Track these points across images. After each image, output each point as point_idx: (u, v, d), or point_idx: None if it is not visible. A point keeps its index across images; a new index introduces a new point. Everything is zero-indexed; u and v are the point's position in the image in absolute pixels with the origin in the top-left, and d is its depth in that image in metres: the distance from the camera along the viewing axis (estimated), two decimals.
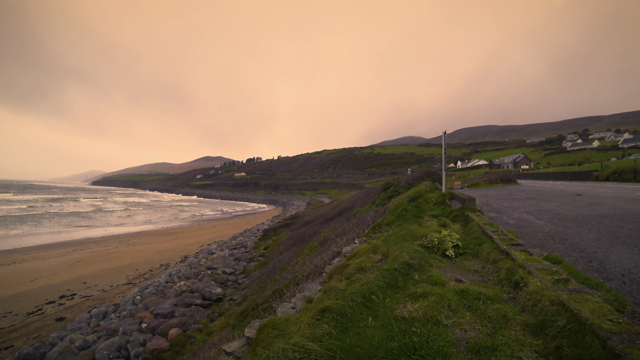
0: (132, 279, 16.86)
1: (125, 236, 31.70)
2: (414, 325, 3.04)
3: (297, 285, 7.60)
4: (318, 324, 3.18)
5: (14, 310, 12.70)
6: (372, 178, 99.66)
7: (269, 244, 21.27)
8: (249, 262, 17.64)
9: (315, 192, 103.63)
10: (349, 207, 25.65)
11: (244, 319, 8.27)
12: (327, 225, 19.95)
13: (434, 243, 6.02)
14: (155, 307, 11.13)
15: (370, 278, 4.23)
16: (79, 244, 26.97)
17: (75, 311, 12.49)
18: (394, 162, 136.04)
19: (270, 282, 11.67)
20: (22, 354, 8.37)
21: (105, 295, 14.43)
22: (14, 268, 18.73)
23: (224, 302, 12.09)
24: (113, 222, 43.75)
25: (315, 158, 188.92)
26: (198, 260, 18.19)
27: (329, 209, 31.86)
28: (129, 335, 9.08)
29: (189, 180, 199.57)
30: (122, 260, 20.76)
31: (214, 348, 6.72)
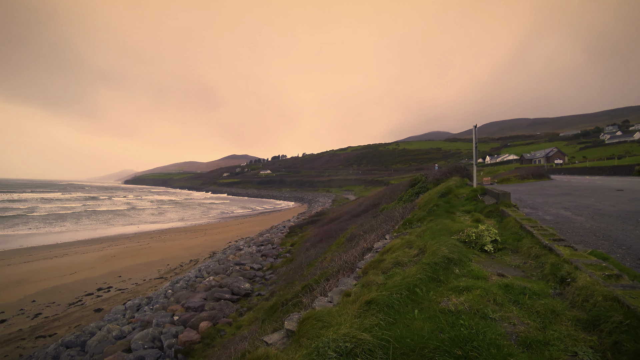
0: (164, 273, 17.60)
1: (156, 232, 33.13)
2: (461, 318, 3.07)
3: (327, 280, 7.62)
4: (365, 315, 3.25)
5: (57, 300, 13.63)
6: (398, 174, 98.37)
7: (295, 241, 21.50)
8: (276, 258, 17.89)
9: (340, 189, 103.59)
10: (375, 203, 25.47)
11: (273, 313, 8.40)
12: (354, 222, 19.89)
13: (471, 238, 5.98)
14: (186, 301, 11.53)
15: (410, 272, 4.26)
16: (113, 240, 28.50)
17: (111, 303, 13.22)
18: (420, 158, 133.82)
19: (299, 277, 11.79)
20: (65, 342, 8.97)
21: (139, 288, 15.16)
22: (56, 262, 20.09)
23: (252, 297, 12.34)
24: (145, 219, 45.89)
25: (339, 155, 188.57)
26: (226, 256, 18.67)
27: (354, 206, 31.78)
28: (161, 327, 9.46)
29: (216, 178, 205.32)
30: (153, 255, 21.73)
31: (244, 341, 6.87)
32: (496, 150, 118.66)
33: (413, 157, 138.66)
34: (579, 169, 40.98)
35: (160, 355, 7.82)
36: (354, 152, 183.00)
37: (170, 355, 7.88)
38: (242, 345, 6.53)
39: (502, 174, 30.92)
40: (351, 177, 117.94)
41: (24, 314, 12.26)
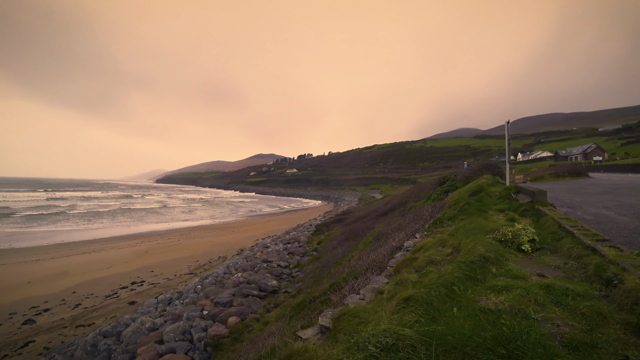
0: (193, 269, 18.18)
1: (186, 230, 34.31)
2: (501, 317, 3.01)
3: (356, 279, 7.58)
4: (403, 312, 3.27)
5: (95, 292, 14.42)
6: (425, 173, 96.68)
7: (322, 239, 21.54)
8: (303, 256, 18.00)
9: (367, 187, 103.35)
10: (402, 202, 25.14)
11: (301, 310, 8.44)
12: (381, 221, 19.68)
13: (507, 237, 5.81)
14: (215, 296, 11.83)
15: (446, 270, 4.24)
16: (146, 237, 29.81)
17: (144, 296, 13.81)
18: (448, 156, 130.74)
19: (326, 275, 11.79)
20: (102, 331, 9.46)
21: (170, 283, 15.74)
22: (94, 256, 21.26)
23: (279, 294, 12.46)
24: (175, 217, 47.61)
25: (365, 153, 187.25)
26: (254, 254, 19.00)
27: (381, 205, 31.48)
28: (191, 320, 9.75)
29: (243, 177, 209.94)
30: (183, 251, 22.51)
31: (272, 337, 6.94)
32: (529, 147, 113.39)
33: (441, 155, 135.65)
34: (620, 166, 38.25)
35: (191, 348, 8.05)
36: (380, 151, 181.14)
37: (200, 348, 8.10)
38: (270, 340, 6.60)
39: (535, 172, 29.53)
40: (377, 175, 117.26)
41: (65, 304, 13.08)
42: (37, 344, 9.73)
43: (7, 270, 17.65)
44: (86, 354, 8.23)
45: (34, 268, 18.21)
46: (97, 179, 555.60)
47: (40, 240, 27.34)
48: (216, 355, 7.90)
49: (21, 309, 12.55)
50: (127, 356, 7.79)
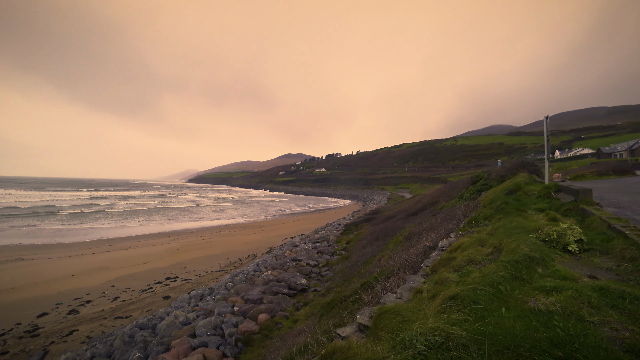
0: (224, 266, 18.65)
1: (217, 228, 35.31)
2: (553, 319, 2.90)
3: (388, 278, 7.47)
4: (450, 311, 3.25)
5: (132, 286, 15.14)
6: (456, 171, 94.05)
7: (351, 238, 21.45)
8: (332, 255, 17.98)
9: (396, 186, 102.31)
10: (433, 201, 24.59)
11: (332, 309, 8.40)
12: (411, 220, 19.32)
13: (552, 237, 5.59)
14: (246, 293, 12.04)
15: (490, 270, 4.18)
16: (179, 234, 30.96)
17: (177, 291, 14.32)
18: (480, 154, 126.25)
19: (356, 275, 11.70)
20: (139, 323, 9.90)
21: (202, 279, 16.23)
22: (131, 252, 22.36)
23: (308, 293, 12.50)
24: (207, 216, 49.13)
25: (394, 152, 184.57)
26: (283, 252, 19.21)
27: (411, 204, 30.95)
28: (223, 316, 9.98)
29: (272, 176, 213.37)
30: (214, 249, 23.15)
31: (302, 335, 6.95)
32: (567, 144, 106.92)
33: (472, 153, 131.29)
34: None
35: (222, 343, 8.23)
36: (409, 149, 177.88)
37: (231, 343, 8.26)
38: (301, 338, 6.61)
39: (575, 170, 27.73)
40: (406, 174, 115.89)
41: (105, 297, 13.83)
42: (80, 333, 10.36)
43: (53, 264, 18.96)
44: (124, 344, 8.65)
45: (77, 262, 19.43)
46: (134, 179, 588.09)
47: (83, 237, 29.15)
48: (247, 351, 8.02)
49: (66, 300, 13.42)
50: (162, 348, 8.09)
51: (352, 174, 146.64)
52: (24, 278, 16.18)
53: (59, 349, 9.39)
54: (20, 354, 9.24)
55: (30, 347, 9.59)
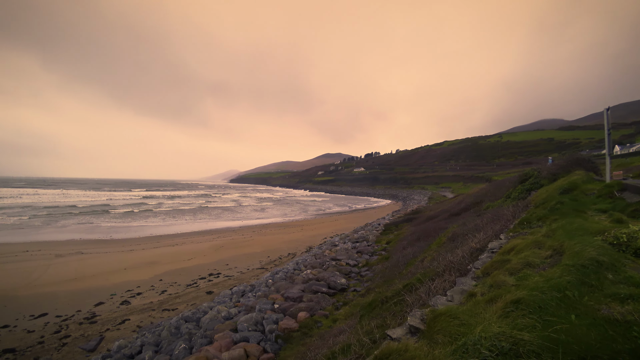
0: (264, 264, 19.10)
1: (258, 227, 36.30)
2: (632, 329, 2.70)
3: (433, 280, 7.24)
4: (514, 316, 3.15)
5: (178, 281, 15.96)
6: (502, 169, 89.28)
7: (391, 239, 21.10)
8: (371, 255, 17.77)
9: (437, 186, 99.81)
10: (477, 201, 23.51)
11: (372, 310, 8.28)
12: (454, 221, 18.67)
13: (621, 240, 5.09)
14: (285, 291, 12.21)
15: (553, 274, 4.00)
16: (221, 232, 32.21)
17: (220, 287, 14.87)
18: (527, 151, 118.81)
19: (398, 276, 11.46)
20: (184, 316, 10.41)
21: (243, 276, 16.73)
22: (177, 249, 23.62)
23: (348, 293, 12.42)
24: (248, 215, 50.72)
25: (435, 150, 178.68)
26: (322, 251, 19.27)
27: (453, 204, 29.83)
28: (263, 312, 10.19)
29: (311, 176, 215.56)
30: (255, 247, 23.79)
31: (342, 334, 6.90)
32: (629, 138, 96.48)
33: (519, 150, 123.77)
34: None
35: (263, 339, 8.40)
36: (451, 147, 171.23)
37: (271, 339, 8.40)
38: (341, 338, 6.56)
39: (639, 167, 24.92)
40: (448, 173, 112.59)
41: (153, 290, 14.71)
42: (131, 322, 11.11)
43: (108, 258, 20.53)
44: (171, 335, 9.12)
45: (128, 257, 20.88)
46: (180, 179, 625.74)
47: (134, 234, 31.28)
48: (286, 348, 8.12)
49: (119, 291, 14.46)
50: (205, 340, 8.42)
51: (392, 173, 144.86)
52: (83, 270, 17.70)
53: (113, 336, 10.12)
54: (80, 338, 10.09)
55: (88, 333, 10.45)
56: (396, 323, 5.28)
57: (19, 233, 30.78)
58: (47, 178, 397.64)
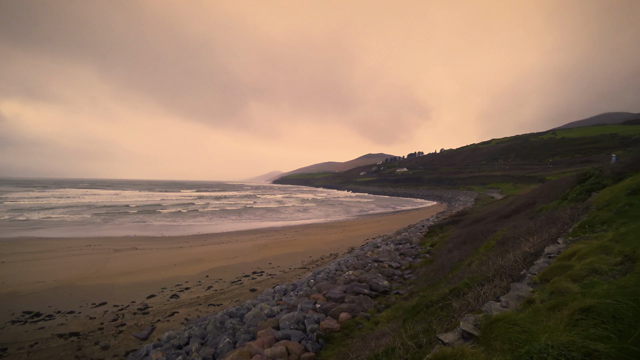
0: (306, 264, 19.31)
1: (300, 227, 36.84)
2: None
3: (482, 285, 6.91)
4: (584, 324, 3.01)
5: (223, 278, 16.64)
6: (556, 169, 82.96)
7: (435, 241, 20.43)
8: (415, 258, 17.29)
9: (484, 186, 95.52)
10: (529, 203, 22.05)
11: (417, 314, 8.06)
12: (503, 224, 17.68)
13: None
14: (327, 291, 12.24)
15: (627, 282, 3.80)
16: (265, 232, 33.11)
17: (263, 285, 15.27)
18: (586, 148, 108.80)
19: (443, 280, 11.08)
20: (229, 312, 10.81)
21: (285, 275, 17.04)
22: (222, 247, 24.63)
23: (390, 295, 12.18)
24: (291, 215, 51.72)
25: (482, 149, 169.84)
26: (364, 253, 19.08)
27: (502, 206, 28.20)
28: (305, 312, 10.29)
29: (353, 177, 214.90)
30: (297, 247, 24.16)
31: (385, 337, 6.79)
32: None
33: (576, 148, 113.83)
34: None
35: (304, 337, 8.47)
36: (499, 145, 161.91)
37: (312, 338, 8.44)
38: (383, 341, 6.45)
39: None
40: (496, 173, 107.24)
41: (200, 285, 15.46)
42: (180, 315, 11.76)
43: (159, 254, 21.92)
44: (216, 329, 9.51)
45: (177, 253, 22.14)
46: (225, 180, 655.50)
47: (182, 232, 33.15)
48: (327, 348, 8.12)
49: (169, 285, 15.37)
50: (249, 336, 8.67)
51: (436, 174, 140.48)
52: (137, 264, 19.07)
53: (163, 327, 10.79)
54: (134, 327, 10.87)
55: (141, 322, 11.23)
56: (442, 328, 5.12)
57: (82, 229, 34.00)
58: (106, 179, 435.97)
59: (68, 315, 12.05)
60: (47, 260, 19.98)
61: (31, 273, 17.05)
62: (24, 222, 37.88)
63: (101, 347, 9.53)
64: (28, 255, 21.07)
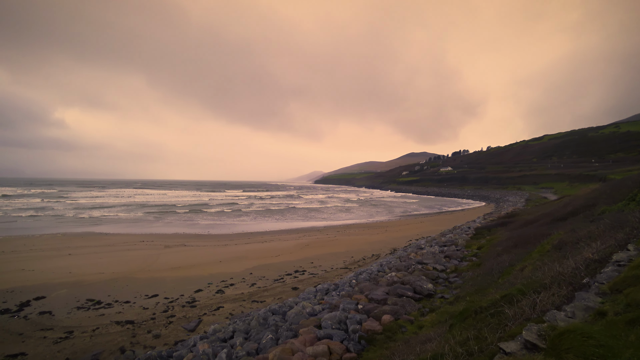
0: (348, 264, 19.23)
1: (342, 227, 36.86)
2: None
3: (538, 293, 6.47)
4: None
5: (266, 275, 17.05)
6: (619, 167, 75.76)
7: (482, 244, 19.46)
8: (460, 260, 16.57)
9: (536, 186, 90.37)
10: (588, 204, 20.20)
11: (464, 320, 7.71)
12: (559, 227, 16.40)
13: None
14: (369, 292, 12.08)
15: None
16: (307, 231, 33.51)
17: (305, 284, 15.43)
18: None
19: (492, 285, 10.52)
20: (271, 309, 11.03)
21: (327, 275, 17.08)
22: (265, 245, 25.27)
23: (435, 299, 11.77)
24: (333, 215, 51.98)
25: (533, 146, 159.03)
26: (407, 254, 18.62)
27: (557, 207, 26.16)
28: (347, 312, 10.23)
29: (395, 177, 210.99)
30: (339, 247, 24.16)
31: (430, 342, 6.58)
32: None
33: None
34: None
35: (346, 338, 8.42)
36: (552, 141, 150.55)
37: (354, 339, 8.36)
38: (429, 346, 6.24)
39: None
40: (550, 171, 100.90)
41: (244, 282, 15.96)
42: (225, 310, 12.24)
43: (205, 251, 22.97)
44: (259, 325, 9.75)
45: (223, 251, 23.06)
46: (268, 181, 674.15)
47: (227, 230, 34.49)
48: (369, 349, 8.00)
49: (215, 281, 16.05)
50: (291, 333, 8.79)
51: (482, 173, 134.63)
52: (185, 260, 20.12)
53: (209, 320, 11.29)
54: (183, 319, 11.49)
55: (189, 315, 11.84)
56: (495, 337, 4.86)
57: (136, 226, 36.63)
58: (156, 180, 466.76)
59: (124, 305, 13.04)
60: (106, 253, 21.77)
61: (93, 265, 18.68)
62: (87, 219, 41.66)
63: (153, 336, 10.16)
64: (91, 249, 23.11)
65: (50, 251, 22.27)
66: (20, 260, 19.44)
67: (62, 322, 11.37)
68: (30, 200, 67.78)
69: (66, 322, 11.42)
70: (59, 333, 10.54)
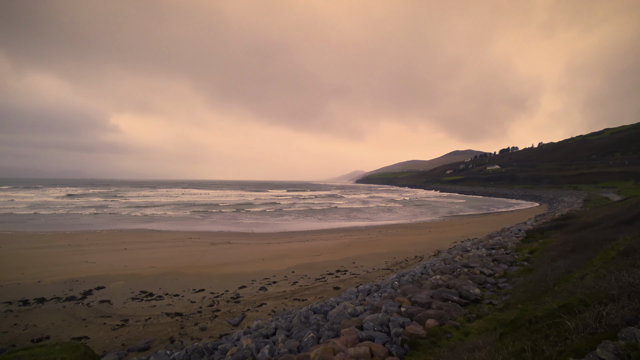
0: (390, 265, 18.87)
1: (384, 227, 36.29)
2: None
3: (604, 305, 5.92)
4: None
5: (308, 274, 17.20)
6: None
7: (535, 248, 18.16)
8: (510, 265, 15.59)
9: (595, 185, 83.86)
10: None
11: (517, 329, 7.24)
12: (624, 231, 14.81)
13: None
14: (413, 295, 11.75)
15: None
16: (349, 231, 33.39)
17: (346, 284, 15.36)
18: None
19: (548, 293, 9.78)
20: (313, 307, 11.10)
21: (369, 275, 16.88)
22: (307, 244, 25.52)
23: (482, 305, 11.16)
24: (375, 214, 51.45)
25: (591, 141, 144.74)
26: (452, 257, 17.90)
27: (621, 209, 23.67)
28: (389, 314, 10.01)
29: (439, 176, 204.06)
30: (381, 247, 23.79)
31: (479, 351, 6.25)
32: None
33: None
34: None
35: (388, 340, 8.24)
36: (615, 136, 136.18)
37: (397, 342, 8.16)
38: (477, 354, 5.94)
39: None
40: (612, 169, 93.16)
41: (286, 280, 16.22)
42: (267, 306, 12.52)
43: (249, 248, 23.69)
44: (300, 323, 9.85)
45: (265, 249, 23.63)
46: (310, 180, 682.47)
47: (270, 229, 35.31)
48: (412, 354, 7.77)
49: (258, 278, 16.47)
50: (332, 333, 8.77)
51: (533, 171, 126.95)
52: (230, 257, 20.87)
53: (252, 316, 11.60)
54: (227, 314, 11.93)
55: (233, 310, 12.26)
56: (554, 350, 4.52)
57: (184, 224, 38.69)
58: (202, 180, 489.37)
59: (174, 298, 13.79)
60: (157, 249, 23.20)
61: (146, 259, 19.98)
62: (140, 217, 44.74)
63: (200, 328, 10.63)
64: (143, 244, 24.77)
65: (108, 245, 24.22)
66: (84, 253, 21.34)
67: (119, 311, 12.29)
68: (90, 199, 74.53)
69: (122, 311, 12.33)
70: (116, 320, 11.42)
